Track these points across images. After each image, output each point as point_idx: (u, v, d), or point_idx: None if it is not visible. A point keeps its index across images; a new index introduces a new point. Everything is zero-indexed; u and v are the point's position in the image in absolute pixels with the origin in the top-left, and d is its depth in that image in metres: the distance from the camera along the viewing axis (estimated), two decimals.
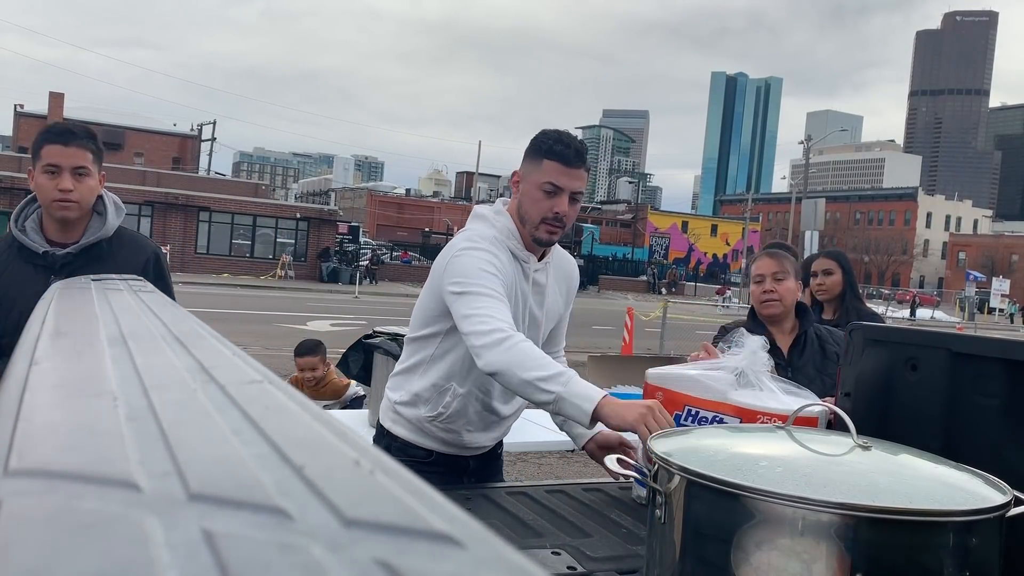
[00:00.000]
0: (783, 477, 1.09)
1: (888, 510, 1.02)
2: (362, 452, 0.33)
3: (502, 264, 2.05)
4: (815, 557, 1.02)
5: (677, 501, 1.15)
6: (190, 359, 0.50)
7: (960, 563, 1.04)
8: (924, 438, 2.11)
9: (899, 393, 2.19)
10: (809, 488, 1.05)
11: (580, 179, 2.10)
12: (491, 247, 2.07)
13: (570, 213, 2.11)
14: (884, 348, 2.26)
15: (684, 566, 1.15)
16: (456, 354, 2.13)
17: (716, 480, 1.08)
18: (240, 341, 10.46)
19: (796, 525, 1.03)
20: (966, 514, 1.04)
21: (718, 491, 1.08)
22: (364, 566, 0.23)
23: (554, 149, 2.06)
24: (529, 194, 2.10)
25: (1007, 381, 1.97)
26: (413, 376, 2.23)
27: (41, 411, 0.39)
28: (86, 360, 0.50)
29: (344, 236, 35.02)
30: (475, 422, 2.23)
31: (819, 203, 18.39)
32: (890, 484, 1.14)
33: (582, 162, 2.10)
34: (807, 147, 41.98)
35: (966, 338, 2.15)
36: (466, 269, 1.99)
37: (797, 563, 1.03)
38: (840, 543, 1.01)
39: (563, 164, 2.06)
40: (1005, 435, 1.97)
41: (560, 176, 2.06)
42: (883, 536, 1.02)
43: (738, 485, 1.06)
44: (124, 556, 0.23)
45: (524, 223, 2.12)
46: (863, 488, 1.09)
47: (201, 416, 0.38)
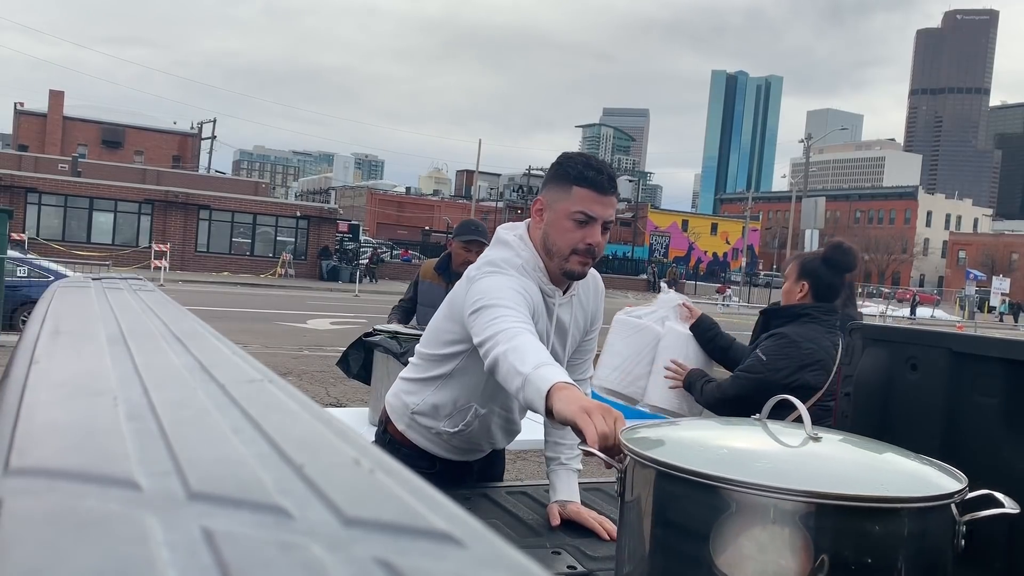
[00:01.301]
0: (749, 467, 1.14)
1: (852, 497, 1.06)
2: (362, 451, 0.33)
3: (529, 293, 1.92)
4: (780, 543, 1.07)
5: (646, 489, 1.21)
6: (190, 358, 0.50)
7: (918, 547, 1.09)
8: (924, 438, 2.11)
9: (899, 393, 2.19)
10: (776, 478, 1.08)
11: (612, 207, 1.96)
12: (518, 275, 1.94)
13: (603, 244, 1.97)
14: (884, 348, 2.26)
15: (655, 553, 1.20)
16: (475, 377, 2.03)
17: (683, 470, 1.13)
18: (240, 340, 10.45)
19: (763, 513, 1.07)
20: (924, 500, 1.10)
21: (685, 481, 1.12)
22: (364, 565, 0.23)
23: (585, 175, 1.92)
24: (557, 224, 1.94)
25: (1007, 381, 1.97)
26: (429, 387, 2.13)
27: (41, 410, 0.39)
28: (86, 359, 0.50)
29: (344, 234, 35.01)
30: (497, 435, 2.21)
31: (819, 202, 18.39)
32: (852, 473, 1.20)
33: (615, 189, 1.97)
34: (807, 146, 41.98)
35: (966, 338, 2.15)
36: (490, 287, 1.86)
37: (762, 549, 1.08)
38: (804, 529, 1.06)
39: (596, 192, 1.91)
40: (1005, 435, 1.97)
41: (593, 204, 1.91)
42: (846, 522, 1.06)
43: (705, 475, 1.10)
44: (124, 555, 0.23)
45: (551, 255, 1.97)
46: (828, 477, 1.15)
47: (201, 415, 0.38)
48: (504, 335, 1.72)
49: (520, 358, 1.63)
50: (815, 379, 2.63)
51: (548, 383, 1.54)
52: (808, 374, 2.62)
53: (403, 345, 3.82)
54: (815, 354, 2.64)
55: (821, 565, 1.05)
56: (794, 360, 2.63)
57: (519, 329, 1.72)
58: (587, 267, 1.98)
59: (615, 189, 1.97)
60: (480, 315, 1.81)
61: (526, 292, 1.89)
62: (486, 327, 1.77)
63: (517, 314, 1.79)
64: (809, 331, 2.67)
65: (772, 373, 2.63)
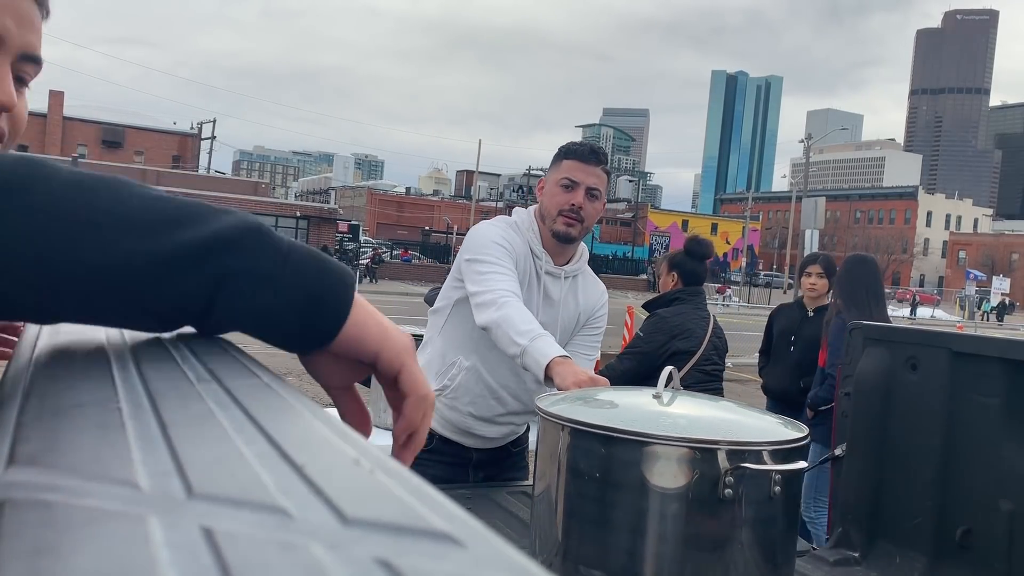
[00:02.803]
0: (625, 420, 1.38)
1: (725, 442, 1.30)
2: (362, 451, 0.33)
3: (513, 243, 2.18)
4: (662, 481, 1.30)
5: (557, 442, 1.43)
6: (190, 357, 0.50)
7: (772, 480, 1.32)
8: (924, 437, 2.11)
9: (899, 393, 2.19)
10: (645, 427, 1.33)
11: (596, 176, 2.22)
12: (508, 231, 2.22)
13: (589, 210, 2.21)
14: (884, 348, 2.26)
15: (567, 496, 1.41)
16: (463, 328, 2.22)
17: (581, 423, 1.38)
18: (240, 339, 10.42)
19: (634, 454, 1.31)
20: (781, 443, 1.36)
21: (584, 433, 1.37)
22: (364, 565, 0.23)
23: (571, 149, 2.25)
24: (549, 192, 2.24)
25: (1007, 381, 1.97)
26: (427, 348, 2.33)
27: (41, 410, 0.39)
28: (86, 359, 0.50)
29: (344, 235, 35.03)
30: (479, 404, 2.26)
31: (819, 202, 18.38)
32: (700, 423, 1.44)
33: (597, 160, 2.23)
34: (807, 146, 41.98)
35: (966, 338, 2.15)
36: (479, 240, 2.16)
37: (644, 488, 1.31)
38: (680, 469, 1.29)
39: (579, 160, 2.21)
40: (1005, 435, 1.97)
41: (576, 171, 2.20)
42: (715, 462, 1.29)
43: (600, 427, 1.34)
44: (124, 555, 0.23)
45: (544, 220, 2.25)
46: (701, 427, 1.39)
47: (201, 415, 0.38)
48: (496, 299, 1.98)
49: (515, 328, 1.90)
50: (685, 345, 3.16)
51: (547, 357, 1.81)
52: (679, 342, 3.16)
53: None
54: (683, 325, 3.19)
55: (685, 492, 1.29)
56: (665, 333, 3.19)
57: (508, 295, 1.99)
58: (572, 228, 2.21)
59: (599, 161, 2.23)
60: (471, 267, 2.11)
61: (508, 242, 2.16)
62: (477, 282, 2.07)
63: (503, 271, 2.07)
64: (678, 309, 3.26)
65: (648, 345, 3.19)
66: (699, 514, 1.29)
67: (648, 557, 1.31)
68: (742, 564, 1.32)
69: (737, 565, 1.32)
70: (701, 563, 1.32)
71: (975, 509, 1.98)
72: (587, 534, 1.37)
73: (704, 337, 3.19)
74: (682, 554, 1.31)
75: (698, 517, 1.30)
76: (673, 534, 1.30)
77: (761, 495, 1.31)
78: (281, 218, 32.68)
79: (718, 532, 1.31)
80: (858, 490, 2.21)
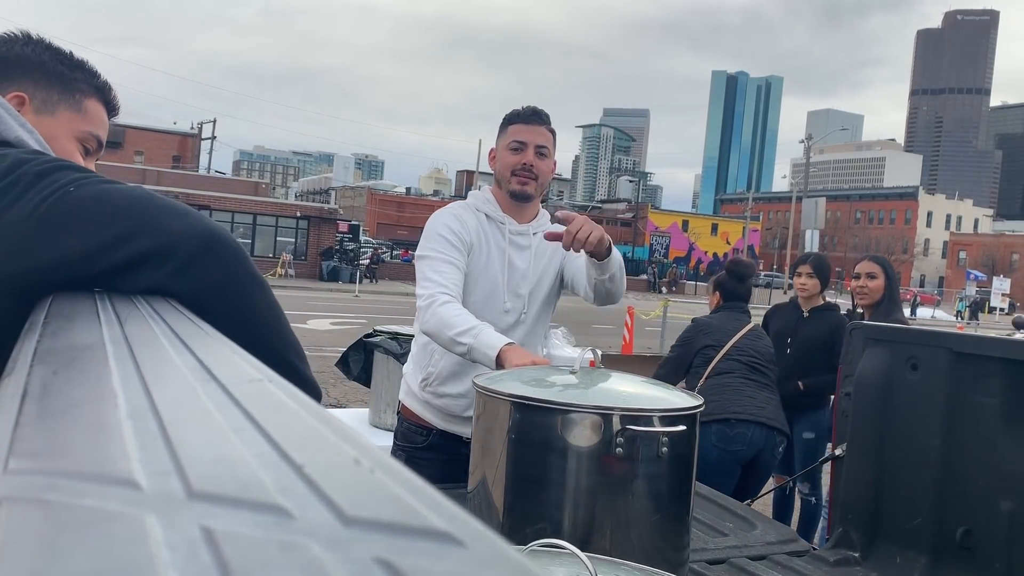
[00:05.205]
0: (553, 392, 1.62)
1: (619, 409, 1.54)
2: (362, 451, 0.33)
3: (463, 224, 2.30)
4: (576, 441, 1.54)
5: (489, 412, 1.66)
6: (190, 357, 0.50)
7: (659, 442, 1.56)
8: (924, 437, 2.11)
9: (899, 393, 2.19)
10: (568, 398, 1.59)
11: (542, 134, 2.33)
12: (458, 210, 2.35)
13: (540, 167, 2.33)
14: (884, 348, 2.26)
15: (508, 461, 1.63)
16: None
17: (501, 393, 1.62)
18: None
19: (565, 423, 1.55)
20: (668, 411, 1.59)
21: (506, 401, 1.60)
22: (364, 565, 0.23)
23: (515, 113, 2.37)
24: (500, 157, 2.36)
25: (1007, 381, 1.97)
26: (415, 346, 2.46)
27: (41, 409, 0.39)
28: (86, 358, 0.50)
29: (344, 235, 34.99)
30: (463, 381, 2.29)
31: (819, 202, 18.40)
32: (619, 395, 1.65)
33: (540, 119, 2.35)
34: (808, 146, 41.99)
35: (966, 338, 2.15)
36: (425, 234, 2.29)
37: (565, 451, 1.55)
38: (582, 431, 1.54)
39: (523, 123, 2.33)
40: (1005, 435, 1.97)
41: (522, 133, 2.32)
42: (611, 426, 1.53)
43: (529, 398, 1.58)
44: (123, 555, 0.23)
45: (500, 184, 2.37)
46: (603, 397, 1.61)
47: (201, 414, 0.38)
48: (429, 304, 2.12)
49: (453, 328, 2.05)
50: (712, 340, 3.73)
51: (495, 349, 1.97)
52: (705, 338, 3.76)
53: (403, 346, 3.83)
54: (711, 325, 3.83)
55: (590, 450, 1.54)
56: (694, 331, 3.86)
57: (438, 295, 2.12)
58: (526, 186, 2.33)
59: (542, 120, 2.35)
60: (418, 264, 2.28)
61: (455, 224, 2.28)
62: (418, 282, 2.23)
63: (441, 264, 2.20)
64: (713, 315, 3.94)
65: (681, 341, 3.88)
66: (599, 469, 1.56)
67: (567, 505, 1.56)
68: (640, 510, 1.58)
69: (636, 511, 1.58)
70: (605, 507, 1.58)
71: (975, 509, 1.98)
72: (529, 494, 1.62)
73: (733, 335, 3.71)
74: (591, 500, 1.57)
75: (598, 471, 1.56)
76: (586, 485, 1.57)
77: (650, 453, 1.56)
78: (281, 218, 32.66)
79: (615, 484, 1.57)
80: (858, 490, 2.21)
